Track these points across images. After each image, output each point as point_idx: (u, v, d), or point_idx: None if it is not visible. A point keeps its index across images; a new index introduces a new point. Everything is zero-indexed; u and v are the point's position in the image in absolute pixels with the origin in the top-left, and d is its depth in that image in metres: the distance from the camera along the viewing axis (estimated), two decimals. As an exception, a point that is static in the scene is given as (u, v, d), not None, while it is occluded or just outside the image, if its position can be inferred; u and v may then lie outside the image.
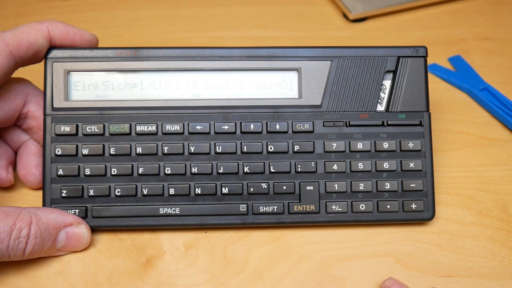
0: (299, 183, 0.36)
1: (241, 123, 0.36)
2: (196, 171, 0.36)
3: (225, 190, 0.36)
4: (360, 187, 0.36)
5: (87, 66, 0.36)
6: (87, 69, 0.36)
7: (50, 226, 0.32)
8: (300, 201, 0.36)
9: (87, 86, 0.36)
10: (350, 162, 0.36)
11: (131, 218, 0.35)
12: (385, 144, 0.36)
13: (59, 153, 0.35)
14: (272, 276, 0.34)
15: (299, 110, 0.36)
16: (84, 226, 0.34)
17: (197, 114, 0.36)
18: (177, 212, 0.35)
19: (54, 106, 0.36)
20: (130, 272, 0.34)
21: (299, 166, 0.36)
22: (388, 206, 0.36)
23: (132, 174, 0.35)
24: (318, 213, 0.36)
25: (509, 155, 0.41)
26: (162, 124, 0.36)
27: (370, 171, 0.36)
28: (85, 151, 0.35)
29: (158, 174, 0.36)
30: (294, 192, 0.36)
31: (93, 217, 0.35)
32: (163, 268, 0.34)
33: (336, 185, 0.36)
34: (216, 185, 0.36)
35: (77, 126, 0.35)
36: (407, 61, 0.37)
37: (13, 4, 0.54)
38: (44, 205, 0.35)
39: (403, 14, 0.54)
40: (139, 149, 0.36)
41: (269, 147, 0.36)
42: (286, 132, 0.36)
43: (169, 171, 0.35)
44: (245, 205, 0.36)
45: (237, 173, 0.36)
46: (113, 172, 0.35)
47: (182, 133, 0.36)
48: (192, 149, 0.36)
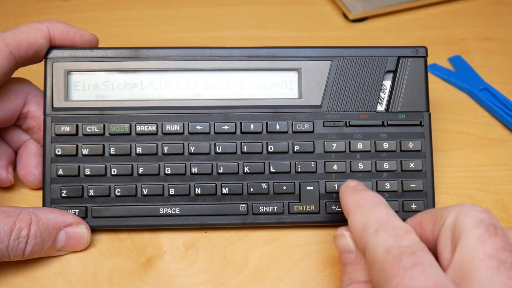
0: (299, 183, 0.36)
1: (241, 123, 0.36)
2: (196, 171, 0.36)
3: (225, 190, 0.36)
4: (360, 187, 0.36)
5: (87, 66, 0.36)
6: (87, 69, 0.36)
7: (50, 226, 0.32)
8: (300, 201, 0.36)
9: (87, 86, 0.36)
10: (350, 162, 0.36)
11: (131, 218, 0.35)
12: (385, 144, 0.36)
13: (59, 153, 0.35)
14: (272, 276, 0.34)
15: (299, 110, 0.36)
16: (84, 226, 0.34)
17: (197, 114, 0.36)
18: (177, 212, 0.35)
19: (54, 106, 0.36)
20: (130, 272, 0.34)
21: (299, 166, 0.36)
22: (388, 206, 0.36)
23: (132, 174, 0.35)
24: (318, 213, 0.36)
25: (509, 155, 0.41)
26: (162, 124, 0.36)
27: (370, 171, 0.36)
28: (85, 151, 0.35)
29: (158, 174, 0.36)
30: (294, 192, 0.36)
31: (93, 217, 0.35)
32: (163, 268, 0.34)
33: (336, 185, 0.36)
34: (216, 185, 0.36)
35: (77, 126, 0.35)
36: (407, 61, 0.37)
37: (13, 4, 0.54)
38: (44, 205, 0.35)
39: (403, 14, 0.54)
40: (139, 149, 0.36)
41: (269, 147, 0.36)
42: (286, 132, 0.36)
43: (169, 171, 0.35)
44: (245, 205, 0.36)
45: (237, 173, 0.36)
46: (113, 172, 0.35)
47: (182, 133, 0.36)
48: (192, 149, 0.36)
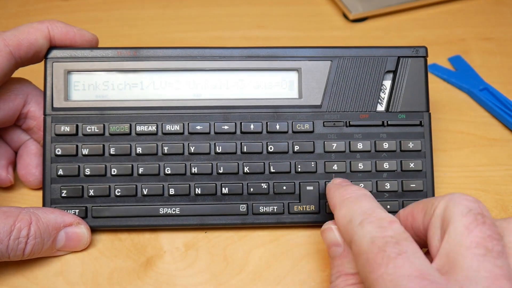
0: (299, 183, 0.36)
1: (241, 123, 0.36)
2: (196, 171, 0.36)
3: (225, 190, 0.36)
4: (360, 187, 0.36)
5: (87, 66, 0.36)
6: (87, 69, 0.36)
7: (50, 226, 0.32)
8: (300, 201, 0.36)
9: (87, 86, 0.36)
10: (350, 162, 0.36)
11: (131, 218, 0.35)
12: (385, 144, 0.36)
13: (59, 153, 0.35)
14: (272, 276, 0.34)
15: (299, 110, 0.36)
16: (84, 226, 0.34)
17: (197, 114, 0.36)
18: (177, 212, 0.35)
19: (54, 106, 0.36)
20: (130, 272, 0.34)
21: (299, 166, 0.36)
22: (388, 206, 0.36)
23: (132, 174, 0.35)
24: (318, 213, 0.36)
25: (509, 155, 0.41)
26: (162, 124, 0.36)
27: (370, 171, 0.36)
28: (85, 151, 0.35)
29: (158, 174, 0.36)
30: (294, 192, 0.36)
31: (93, 217, 0.35)
32: (163, 268, 0.34)
33: (336, 185, 0.36)
34: (216, 185, 0.36)
35: (77, 126, 0.35)
36: (407, 61, 0.37)
37: (13, 4, 0.54)
38: (44, 205, 0.35)
39: (403, 14, 0.54)
40: (139, 149, 0.36)
41: (269, 147, 0.36)
42: (286, 132, 0.36)
43: (169, 171, 0.35)
44: (245, 205, 0.36)
45: (237, 173, 0.36)
46: (113, 172, 0.35)
47: (182, 133, 0.36)
48: (192, 149, 0.36)
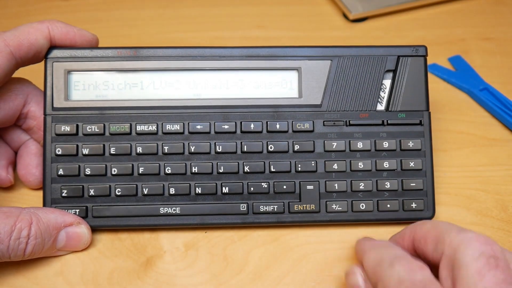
0: (299, 182, 0.36)
1: (241, 123, 0.36)
2: (196, 171, 0.36)
3: (226, 189, 0.36)
4: (360, 187, 0.36)
5: (87, 66, 0.36)
6: (87, 69, 0.36)
7: (50, 226, 0.32)
8: (300, 201, 0.36)
9: (87, 86, 0.36)
10: (350, 161, 0.36)
11: (131, 217, 0.35)
12: (385, 143, 0.36)
13: (59, 153, 0.35)
14: (272, 276, 0.34)
15: (299, 109, 0.36)
16: (85, 226, 0.34)
17: (197, 114, 0.36)
18: (177, 211, 0.35)
19: (54, 106, 0.36)
20: (130, 272, 0.34)
21: (299, 165, 0.36)
22: (388, 205, 0.36)
23: (132, 174, 0.35)
24: (318, 212, 0.36)
25: (509, 155, 0.41)
26: (162, 124, 0.36)
27: (370, 170, 0.36)
28: (86, 151, 0.35)
29: (159, 174, 0.36)
30: (294, 192, 0.36)
31: (94, 217, 0.35)
32: (163, 268, 0.34)
33: (336, 184, 0.36)
34: (217, 184, 0.36)
35: (77, 126, 0.35)
36: (407, 60, 0.37)
37: (13, 4, 0.54)
38: (44, 205, 0.35)
39: (403, 14, 0.54)
40: (139, 149, 0.36)
41: (269, 147, 0.36)
42: (286, 131, 0.36)
43: (170, 171, 0.35)
44: (245, 205, 0.36)
45: (237, 173, 0.36)
46: (113, 172, 0.35)
47: (182, 133, 0.36)
48: (193, 148, 0.36)
